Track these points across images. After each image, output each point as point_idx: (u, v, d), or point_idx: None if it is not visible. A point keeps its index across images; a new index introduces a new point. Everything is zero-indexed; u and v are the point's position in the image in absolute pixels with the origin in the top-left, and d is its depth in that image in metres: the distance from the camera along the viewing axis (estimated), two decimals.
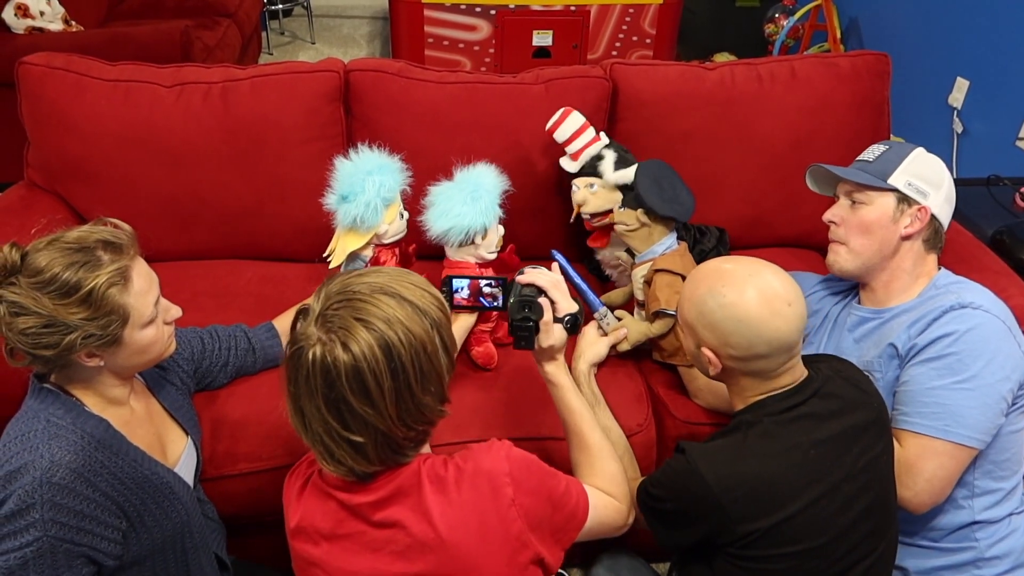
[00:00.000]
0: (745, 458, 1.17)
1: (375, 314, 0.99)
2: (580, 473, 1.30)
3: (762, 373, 1.23)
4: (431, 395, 1.05)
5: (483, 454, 1.09)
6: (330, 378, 0.98)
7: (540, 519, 1.09)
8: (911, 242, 1.46)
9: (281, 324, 1.61)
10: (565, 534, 1.14)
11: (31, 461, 1.06)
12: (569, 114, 1.74)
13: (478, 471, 1.07)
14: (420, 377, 1.02)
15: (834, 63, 2.01)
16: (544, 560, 1.10)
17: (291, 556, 1.16)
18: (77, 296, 1.07)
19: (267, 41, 4.68)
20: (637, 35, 3.76)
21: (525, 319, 1.28)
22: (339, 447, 1.02)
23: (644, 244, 1.63)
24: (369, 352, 0.97)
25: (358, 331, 0.98)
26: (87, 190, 1.87)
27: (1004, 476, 1.39)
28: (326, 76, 1.88)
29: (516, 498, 1.06)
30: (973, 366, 1.32)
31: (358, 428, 1.00)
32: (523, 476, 1.08)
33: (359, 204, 1.53)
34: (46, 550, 1.05)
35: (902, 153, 1.48)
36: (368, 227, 1.56)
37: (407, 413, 1.02)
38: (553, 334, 1.30)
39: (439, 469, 1.08)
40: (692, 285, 1.26)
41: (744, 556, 1.18)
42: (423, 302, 1.04)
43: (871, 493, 1.21)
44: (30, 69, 1.83)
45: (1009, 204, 2.26)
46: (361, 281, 1.03)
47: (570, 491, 1.15)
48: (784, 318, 1.18)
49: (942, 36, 3.24)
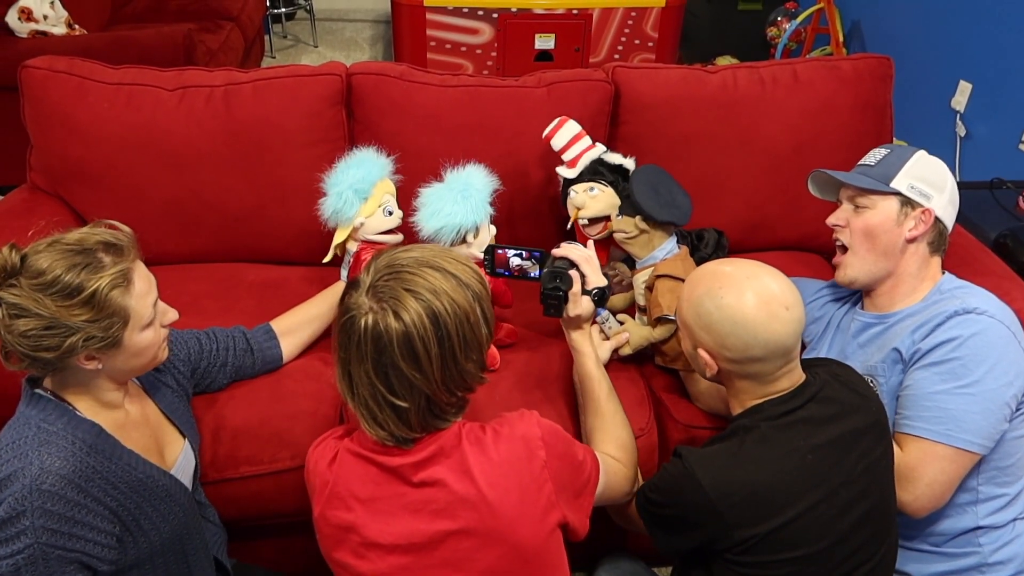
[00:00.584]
0: (742, 464, 1.17)
1: (423, 285, 1.06)
2: (593, 438, 1.40)
3: (758, 376, 1.22)
4: (473, 362, 1.12)
5: (517, 420, 1.17)
6: (381, 344, 1.04)
7: (565, 482, 1.17)
8: (916, 245, 1.46)
9: (279, 326, 1.61)
10: (584, 498, 1.22)
11: (21, 468, 1.06)
12: (565, 122, 1.75)
13: (513, 434, 1.15)
14: (464, 345, 1.09)
15: (836, 66, 2.00)
16: (569, 524, 1.17)
17: (319, 536, 1.18)
18: (80, 298, 1.07)
19: (270, 45, 4.69)
20: (639, 38, 3.76)
21: (555, 288, 1.39)
22: (383, 411, 1.08)
23: (645, 250, 1.63)
24: (419, 320, 1.04)
25: (408, 301, 1.05)
26: (90, 193, 1.88)
27: (1008, 481, 1.39)
28: (328, 79, 1.88)
29: (548, 461, 1.14)
30: (976, 371, 1.31)
31: (403, 393, 1.07)
32: (553, 441, 1.16)
33: (333, 195, 1.61)
34: (37, 557, 1.05)
35: (904, 156, 1.48)
36: (344, 218, 1.62)
37: (451, 379, 1.09)
38: (581, 304, 1.41)
39: (478, 433, 1.15)
40: (690, 287, 1.26)
41: (743, 562, 1.18)
42: (465, 275, 1.11)
43: (870, 497, 1.20)
44: (33, 73, 1.83)
45: (1012, 207, 2.26)
46: (408, 256, 1.11)
47: (586, 458, 1.23)
48: (781, 322, 1.18)
49: (945, 39, 3.23)
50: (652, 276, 1.60)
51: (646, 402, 1.64)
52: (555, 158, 1.78)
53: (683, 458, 1.20)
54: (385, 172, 1.68)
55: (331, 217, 1.62)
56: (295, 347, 1.61)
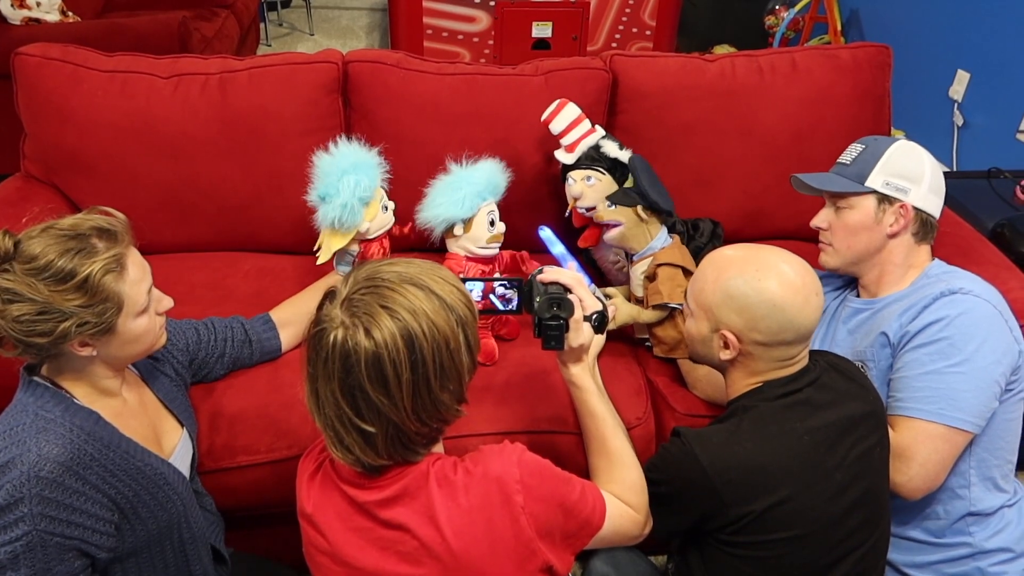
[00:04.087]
0: (740, 441, 1.19)
1: (401, 303, 0.98)
2: (598, 479, 1.26)
3: (778, 359, 1.24)
4: (449, 392, 1.03)
5: (494, 458, 1.06)
6: (349, 363, 0.97)
7: (551, 527, 1.07)
8: (899, 238, 1.47)
9: (278, 316, 1.60)
10: (577, 540, 1.12)
11: (18, 456, 1.06)
12: (565, 105, 1.73)
13: (488, 476, 1.04)
14: (439, 372, 1.00)
15: (835, 55, 2.00)
16: (553, 567, 1.08)
17: (302, 538, 1.15)
18: (73, 282, 1.06)
19: (265, 32, 4.66)
20: (637, 27, 3.75)
21: (555, 317, 1.23)
22: (349, 434, 1.01)
23: (642, 242, 1.63)
24: (391, 341, 0.96)
25: (382, 318, 0.97)
26: (84, 182, 1.86)
27: (997, 465, 1.40)
28: (324, 67, 1.87)
29: (526, 505, 1.04)
30: (965, 349, 1.32)
31: (371, 417, 0.99)
32: (534, 482, 1.06)
33: (335, 206, 1.51)
34: (36, 544, 1.05)
35: (878, 152, 1.47)
36: (348, 227, 1.55)
37: (422, 408, 1.01)
38: (583, 333, 1.26)
39: (448, 472, 1.05)
40: (717, 269, 1.25)
41: (735, 543, 1.19)
42: (451, 297, 1.02)
43: (863, 483, 1.22)
44: (26, 60, 1.82)
45: (1010, 197, 2.26)
46: (391, 270, 1.02)
47: (585, 497, 1.12)
48: (812, 307, 1.21)
49: (943, 28, 3.23)
50: (652, 265, 1.60)
51: (643, 391, 1.64)
52: (552, 146, 1.77)
53: (682, 436, 1.22)
54: (380, 171, 1.61)
55: (331, 226, 1.54)
56: (294, 337, 1.61)
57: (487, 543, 1.02)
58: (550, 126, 1.74)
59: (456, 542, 1.01)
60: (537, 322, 1.25)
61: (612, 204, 1.62)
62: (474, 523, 1.02)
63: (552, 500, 1.07)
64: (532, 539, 1.04)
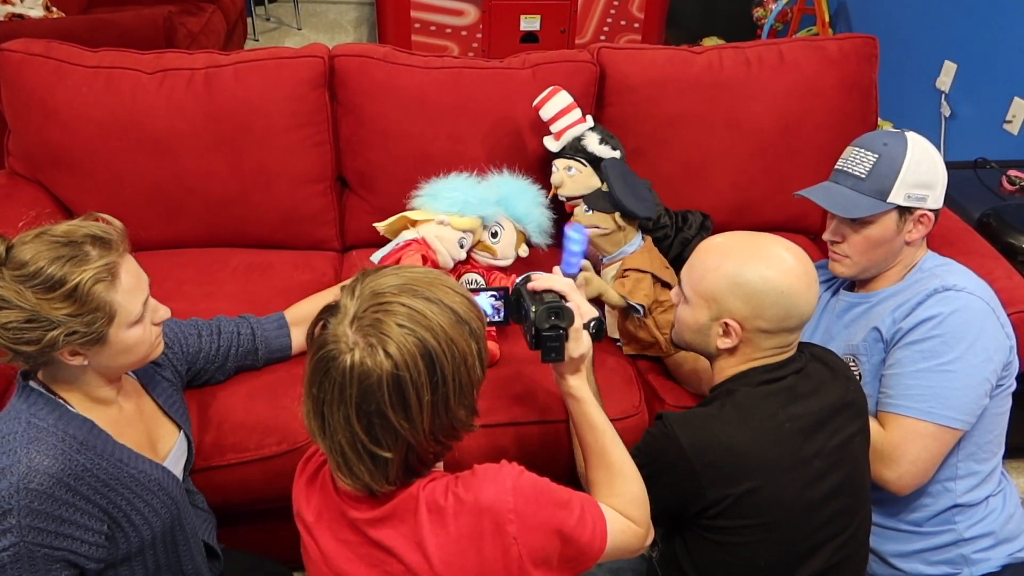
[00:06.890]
0: (721, 424, 1.19)
1: (418, 320, 0.92)
2: (598, 493, 1.19)
3: (776, 347, 1.24)
4: (465, 408, 0.99)
5: (487, 484, 1.00)
6: (367, 387, 0.91)
7: (547, 554, 1.01)
8: (915, 243, 1.45)
9: (292, 315, 1.56)
10: (579, 563, 1.06)
11: (9, 466, 1.04)
12: (557, 92, 1.74)
13: (479, 505, 0.98)
14: (458, 390, 0.95)
15: (822, 47, 2.00)
16: None
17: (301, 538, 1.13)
18: (62, 291, 1.04)
19: (252, 27, 4.63)
20: (625, 19, 3.74)
21: (555, 327, 1.16)
22: (361, 461, 0.95)
23: (616, 246, 1.65)
24: (411, 361, 0.90)
25: (401, 337, 0.90)
26: (70, 179, 1.85)
27: (985, 458, 1.41)
28: (310, 62, 1.86)
29: (519, 535, 0.98)
30: (957, 348, 1.32)
31: (388, 443, 0.94)
32: (530, 510, 1.00)
33: (479, 202, 1.60)
34: (23, 555, 1.03)
35: (895, 164, 1.38)
36: (457, 210, 1.60)
37: (440, 428, 0.96)
38: (583, 342, 1.20)
39: (439, 498, 0.99)
40: (718, 257, 1.24)
41: (714, 527, 1.20)
42: (464, 310, 0.97)
43: (842, 472, 1.22)
44: (9, 56, 1.80)
45: (996, 187, 2.27)
46: (397, 282, 0.95)
47: (585, 519, 1.05)
48: (814, 293, 1.22)
49: (930, 19, 3.23)
50: (620, 270, 1.63)
51: (634, 382, 1.64)
52: (539, 141, 1.77)
53: (664, 419, 1.22)
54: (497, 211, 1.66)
55: (447, 201, 1.59)
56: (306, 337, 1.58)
57: (476, 573, 0.98)
58: (540, 111, 1.75)
59: (444, 570, 0.98)
60: (534, 333, 1.18)
61: (589, 209, 1.62)
62: (463, 552, 0.98)
63: (548, 527, 1.01)
64: (525, 568, 1.00)
